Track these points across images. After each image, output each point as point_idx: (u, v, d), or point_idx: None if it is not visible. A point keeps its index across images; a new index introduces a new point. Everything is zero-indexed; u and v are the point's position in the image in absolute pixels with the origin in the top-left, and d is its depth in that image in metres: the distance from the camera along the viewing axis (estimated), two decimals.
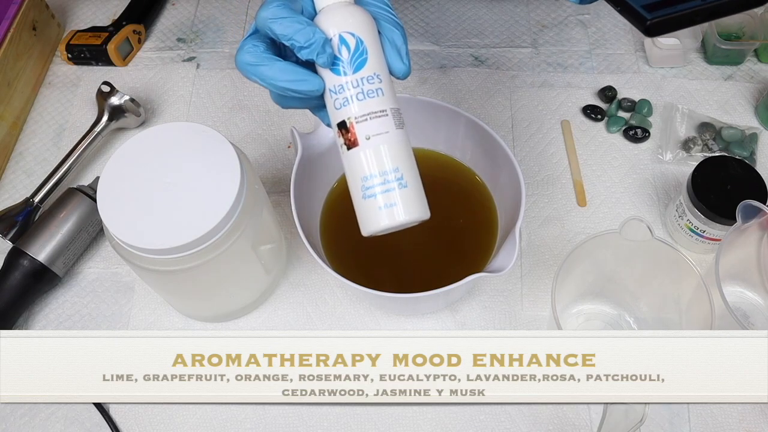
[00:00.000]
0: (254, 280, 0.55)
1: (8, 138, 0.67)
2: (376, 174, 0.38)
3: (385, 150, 0.38)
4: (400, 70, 0.39)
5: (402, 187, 0.38)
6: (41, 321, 0.58)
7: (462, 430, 0.52)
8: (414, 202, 0.38)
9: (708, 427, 0.51)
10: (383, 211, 0.38)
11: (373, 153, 0.38)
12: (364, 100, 0.37)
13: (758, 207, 0.48)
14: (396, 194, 0.38)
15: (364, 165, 0.38)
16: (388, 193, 0.38)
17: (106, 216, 0.44)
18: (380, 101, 0.38)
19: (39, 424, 0.53)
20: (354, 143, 0.38)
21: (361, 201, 0.39)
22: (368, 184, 0.38)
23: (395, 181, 0.38)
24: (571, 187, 0.63)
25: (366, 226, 0.39)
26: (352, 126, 0.38)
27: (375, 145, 0.38)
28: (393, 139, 0.38)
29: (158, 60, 0.73)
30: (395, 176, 0.38)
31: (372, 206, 0.38)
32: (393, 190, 0.38)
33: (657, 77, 0.69)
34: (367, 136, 0.37)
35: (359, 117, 0.38)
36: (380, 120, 0.38)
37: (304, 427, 0.53)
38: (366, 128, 0.37)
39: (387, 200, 0.38)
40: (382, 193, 0.38)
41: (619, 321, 0.55)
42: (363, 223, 0.39)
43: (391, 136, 0.38)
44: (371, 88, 0.38)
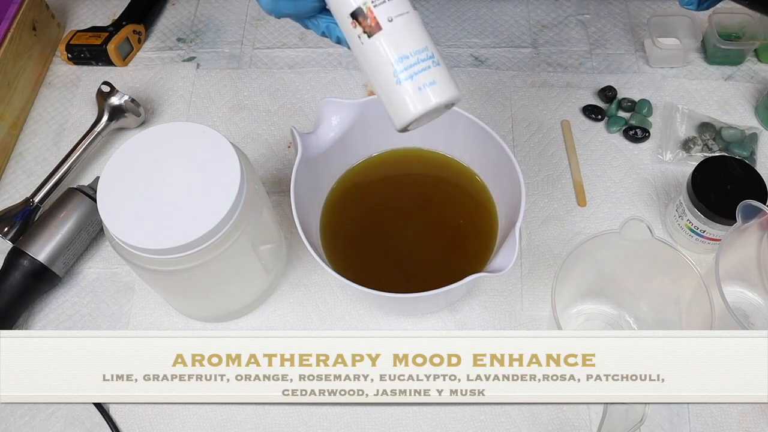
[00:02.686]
0: (254, 280, 0.55)
1: (8, 138, 0.67)
2: (406, 55, 0.35)
3: (410, 29, 0.36)
4: None
5: (435, 64, 0.36)
6: (41, 321, 0.58)
7: (462, 430, 0.52)
8: (448, 80, 0.36)
9: (708, 427, 0.51)
10: (419, 94, 0.36)
11: (399, 34, 0.36)
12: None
13: (758, 207, 0.48)
14: (432, 72, 0.36)
15: (392, 48, 0.36)
16: (421, 73, 0.35)
17: (106, 216, 0.44)
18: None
19: (39, 424, 0.53)
20: (376, 28, 0.35)
21: (393, 88, 0.36)
22: (400, 67, 0.35)
23: (428, 59, 0.36)
24: (571, 187, 0.63)
25: (403, 115, 0.36)
26: (369, 11, 0.35)
27: (399, 25, 0.36)
28: (414, 18, 0.36)
29: (158, 60, 0.73)
30: (427, 54, 0.36)
31: (408, 90, 0.36)
32: (428, 69, 0.36)
33: (657, 77, 0.69)
34: (389, 18, 0.35)
35: (376, 0, 0.35)
36: (398, 0, 0.36)
37: (304, 427, 0.53)
38: (386, 10, 0.35)
39: (425, 80, 0.35)
40: (416, 75, 0.35)
41: (619, 321, 0.55)
42: (400, 112, 0.36)
43: (411, 15, 0.36)
44: None
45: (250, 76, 0.71)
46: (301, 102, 0.69)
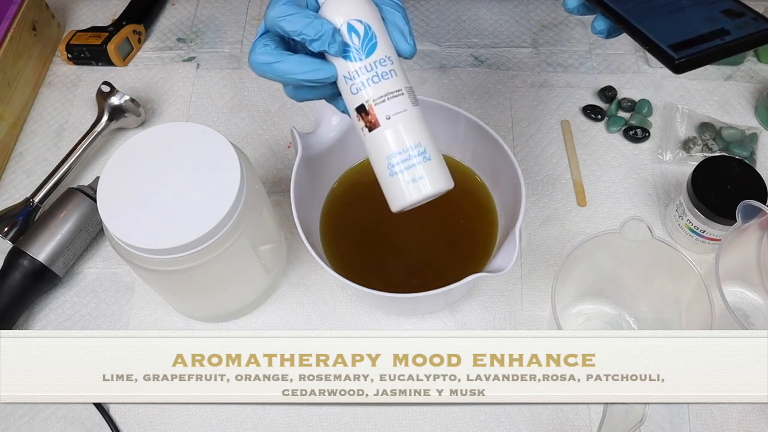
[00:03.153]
0: (254, 280, 0.55)
1: (8, 138, 0.67)
2: (400, 151, 0.39)
3: (405, 127, 0.39)
4: (407, 50, 0.40)
5: (426, 160, 0.39)
6: (41, 321, 0.58)
7: (462, 430, 0.52)
8: (438, 173, 0.40)
9: (708, 427, 0.51)
10: (411, 185, 0.39)
11: (394, 131, 0.39)
12: (380, 82, 0.39)
13: (758, 207, 0.48)
14: (421, 168, 0.39)
15: (387, 144, 0.39)
16: (413, 168, 0.39)
17: (106, 216, 0.44)
18: (395, 82, 0.39)
19: (39, 424, 0.53)
20: (375, 124, 0.39)
21: (387, 179, 0.40)
22: (394, 161, 0.39)
23: (419, 156, 0.39)
24: (571, 187, 0.63)
25: (395, 202, 0.40)
26: (371, 108, 0.39)
27: (395, 123, 0.39)
28: (411, 116, 0.39)
29: (158, 60, 0.73)
30: (418, 151, 0.39)
31: (399, 182, 0.39)
32: (418, 165, 0.39)
33: (657, 77, 0.69)
34: (387, 116, 0.39)
35: (377, 99, 0.39)
36: (397, 99, 0.39)
37: (304, 427, 0.53)
38: (385, 109, 0.39)
39: (413, 175, 0.39)
40: (408, 169, 0.39)
41: (619, 321, 0.55)
42: (392, 200, 0.40)
43: (409, 113, 0.39)
44: (385, 70, 0.39)
45: (250, 76, 0.71)
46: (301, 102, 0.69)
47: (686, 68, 0.35)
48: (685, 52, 0.35)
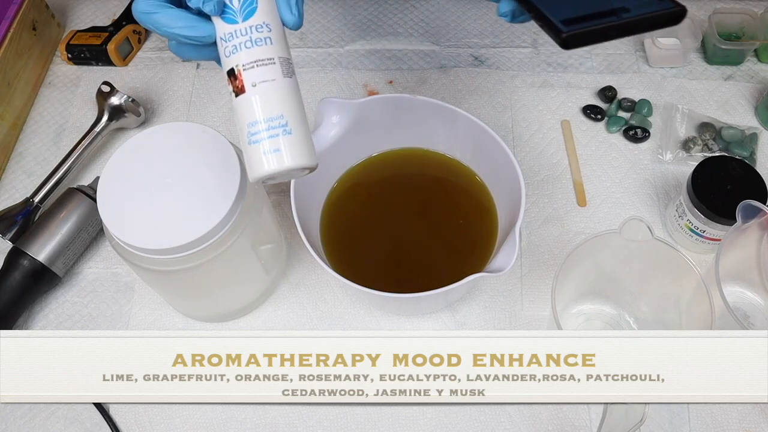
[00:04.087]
0: (254, 280, 0.55)
1: (8, 138, 0.67)
2: (261, 120, 0.38)
3: (270, 97, 0.38)
4: (290, 21, 0.40)
5: (286, 133, 0.38)
6: (41, 321, 0.58)
7: (462, 430, 0.52)
8: (299, 148, 0.39)
9: (708, 427, 0.51)
10: (268, 156, 0.38)
11: (258, 100, 0.38)
12: (252, 48, 0.38)
13: (758, 207, 0.48)
14: (280, 140, 0.38)
15: (249, 111, 0.39)
16: (272, 139, 0.38)
17: (106, 216, 0.44)
18: (268, 49, 0.39)
19: (39, 424, 0.53)
20: (241, 90, 0.38)
21: (247, 146, 0.39)
22: (253, 129, 0.38)
23: (279, 128, 0.38)
24: (571, 187, 0.63)
25: (252, 171, 0.39)
26: (239, 73, 0.38)
27: (260, 92, 0.38)
28: (279, 87, 0.39)
29: (158, 60, 0.73)
30: (280, 123, 0.38)
31: (257, 151, 0.38)
32: (277, 136, 0.38)
33: (657, 77, 0.69)
34: (253, 83, 0.38)
35: (246, 64, 0.38)
36: (267, 68, 0.38)
37: (304, 427, 0.53)
38: (252, 75, 0.38)
39: (271, 146, 0.38)
40: (267, 139, 0.38)
41: (619, 321, 0.55)
42: (249, 168, 0.39)
43: (277, 83, 0.39)
44: (259, 37, 0.38)
45: None
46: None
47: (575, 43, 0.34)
48: (574, 27, 0.34)
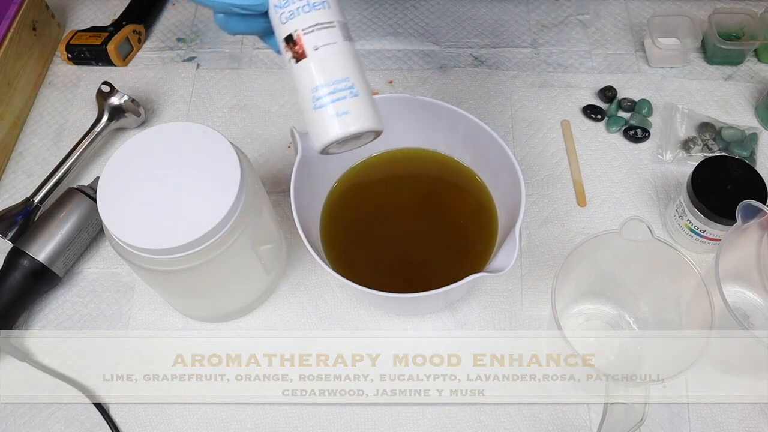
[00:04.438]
0: (254, 280, 0.55)
1: (8, 138, 0.67)
2: (326, 83, 0.37)
3: (334, 60, 0.38)
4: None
5: (353, 95, 0.38)
6: (41, 321, 0.58)
7: (462, 430, 0.52)
8: (366, 110, 0.38)
9: (708, 427, 0.51)
10: (335, 119, 0.37)
11: (321, 63, 0.38)
12: (311, 12, 0.38)
13: (758, 207, 0.48)
14: (347, 102, 0.37)
15: (313, 75, 0.38)
16: (339, 101, 0.37)
17: (106, 216, 0.44)
18: (327, 13, 0.38)
19: (39, 424, 0.53)
20: (302, 55, 0.38)
21: (311, 113, 0.38)
22: (318, 94, 0.38)
23: (346, 89, 0.37)
24: (571, 187, 0.63)
25: (319, 138, 0.38)
26: (299, 38, 0.38)
27: (323, 55, 0.37)
28: (341, 49, 0.38)
29: (158, 60, 0.73)
30: (346, 85, 0.38)
31: (323, 116, 0.38)
32: (344, 99, 0.37)
33: (657, 77, 0.69)
34: (315, 47, 0.37)
35: (306, 29, 0.38)
36: (327, 31, 0.38)
37: (304, 427, 0.53)
38: (313, 39, 0.37)
39: (338, 108, 0.37)
40: (333, 102, 0.37)
41: (619, 321, 0.55)
42: (315, 136, 0.39)
43: (339, 46, 0.38)
44: (317, 1, 0.38)
45: (250, 76, 0.71)
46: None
47: None
48: None
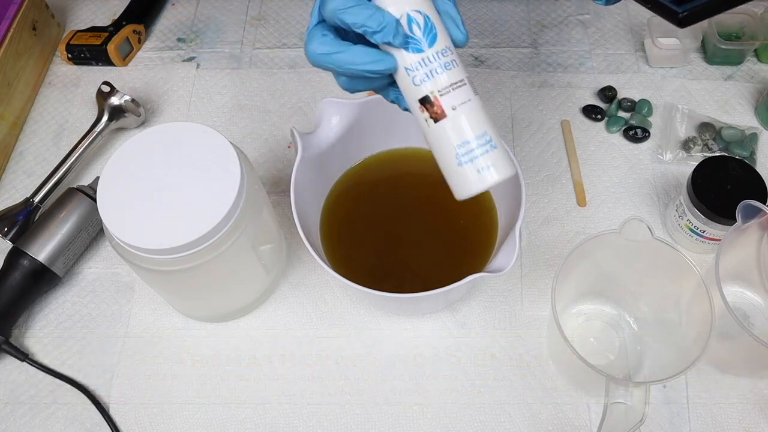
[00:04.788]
0: (254, 280, 0.55)
1: (8, 138, 0.67)
2: (467, 141, 0.39)
3: (471, 117, 0.39)
4: (461, 39, 0.41)
5: (492, 148, 0.39)
6: (41, 321, 0.58)
7: (462, 430, 0.52)
8: (504, 160, 0.39)
9: (708, 427, 0.51)
10: (479, 174, 0.39)
11: (460, 122, 0.39)
12: (443, 73, 0.39)
13: (758, 207, 0.48)
14: (489, 156, 0.39)
15: (454, 135, 0.39)
16: (481, 157, 0.39)
17: (106, 216, 0.44)
18: (457, 72, 0.39)
19: (39, 424, 0.53)
20: (441, 115, 0.39)
21: (455, 169, 0.39)
22: (463, 150, 0.39)
23: (486, 144, 0.39)
24: (571, 187, 0.63)
25: (462, 191, 0.40)
26: (436, 99, 0.39)
27: (461, 114, 0.39)
28: (476, 106, 0.39)
29: (158, 60, 0.73)
30: (485, 140, 0.39)
31: (467, 172, 0.39)
32: (486, 153, 0.39)
33: (657, 77, 0.69)
34: (453, 107, 0.39)
35: (442, 90, 0.39)
36: (462, 90, 0.39)
37: (304, 427, 0.53)
38: (451, 99, 0.39)
39: (482, 164, 0.39)
40: (476, 159, 0.39)
41: (619, 321, 0.55)
42: (459, 189, 0.40)
43: (474, 103, 0.39)
44: (447, 61, 0.39)
45: (250, 76, 0.71)
46: (301, 102, 0.69)
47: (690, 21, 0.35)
48: (687, 6, 0.35)
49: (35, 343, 0.57)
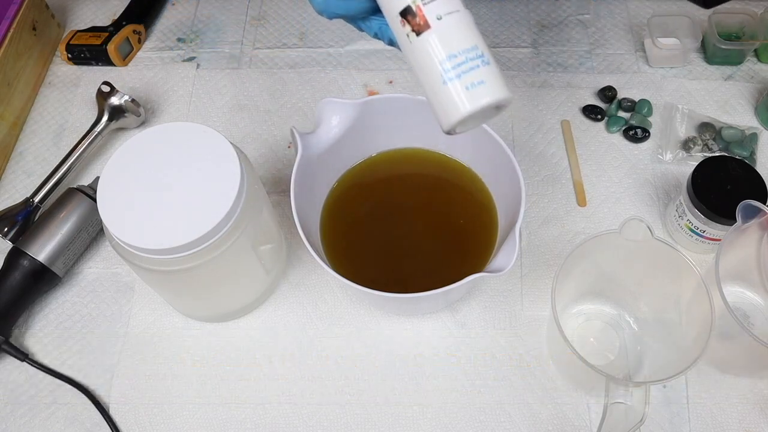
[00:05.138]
0: (254, 280, 0.55)
1: (8, 138, 0.67)
2: (456, 53, 0.35)
3: (459, 28, 0.35)
4: None
5: (485, 64, 0.35)
6: (41, 321, 0.58)
7: (462, 430, 0.52)
8: (500, 79, 0.35)
9: (708, 427, 0.51)
10: (470, 91, 0.35)
11: (447, 33, 0.35)
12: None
13: (758, 207, 0.48)
14: (481, 71, 0.35)
15: (440, 47, 0.35)
16: (472, 71, 0.35)
17: (106, 216, 0.44)
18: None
19: (39, 424, 0.53)
20: (424, 26, 0.35)
21: (440, 88, 0.35)
22: (447, 66, 0.35)
23: (477, 58, 0.35)
24: (571, 187, 0.63)
25: (450, 115, 0.36)
26: (419, 9, 0.35)
27: (448, 24, 0.35)
28: (465, 17, 0.36)
29: (158, 60, 0.73)
30: (476, 53, 0.35)
31: (455, 90, 0.35)
32: (477, 68, 0.35)
33: (657, 77, 0.69)
34: (438, 16, 0.35)
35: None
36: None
37: (304, 427, 0.53)
38: (435, 8, 0.35)
39: (471, 80, 0.35)
40: (466, 73, 0.35)
41: (619, 321, 0.55)
42: (447, 113, 0.36)
43: (462, 14, 0.36)
44: None
45: (250, 76, 0.71)
46: (301, 102, 0.69)
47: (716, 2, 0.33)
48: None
49: (35, 343, 0.57)
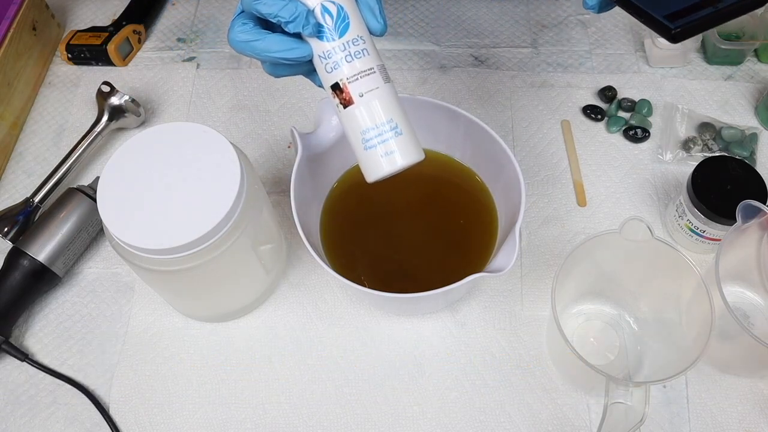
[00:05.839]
0: (254, 280, 0.55)
1: (8, 138, 0.67)
2: (372, 126, 0.41)
3: (377, 104, 0.41)
4: (377, 28, 0.42)
5: (397, 135, 0.42)
6: (41, 321, 0.58)
7: (462, 430, 0.52)
8: (410, 146, 0.42)
9: (708, 427, 0.51)
10: (384, 159, 0.42)
11: (367, 108, 0.41)
12: (353, 62, 0.41)
13: (758, 207, 0.48)
14: (393, 142, 0.41)
15: (360, 120, 0.41)
16: (386, 142, 0.41)
17: (106, 216, 0.44)
18: (367, 60, 0.41)
19: (39, 424, 0.53)
20: (349, 101, 0.41)
21: (363, 152, 0.42)
22: (367, 136, 0.42)
23: (391, 131, 0.41)
24: (571, 187, 0.63)
25: (370, 174, 0.43)
26: (345, 86, 0.41)
27: (368, 100, 0.41)
28: (383, 93, 0.42)
29: (158, 60, 0.73)
30: (390, 126, 0.41)
31: (373, 156, 0.42)
32: (390, 140, 0.41)
33: (657, 77, 0.69)
34: (360, 94, 0.41)
35: (350, 77, 0.41)
36: (370, 78, 0.41)
37: (304, 427, 0.53)
38: (358, 86, 0.41)
39: (386, 149, 0.41)
40: (381, 143, 0.41)
41: (619, 321, 0.55)
42: (367, 172, 0.43)
43: (381, 90, 0.41)
44: (357, 50, 0.41)
45: (250, 76, 0.71)
46: (301, 102, 0.69)
47: (683, 37, 0.36)
48: (680, 22, 0.36)
49: (35, 343, 0.57)
